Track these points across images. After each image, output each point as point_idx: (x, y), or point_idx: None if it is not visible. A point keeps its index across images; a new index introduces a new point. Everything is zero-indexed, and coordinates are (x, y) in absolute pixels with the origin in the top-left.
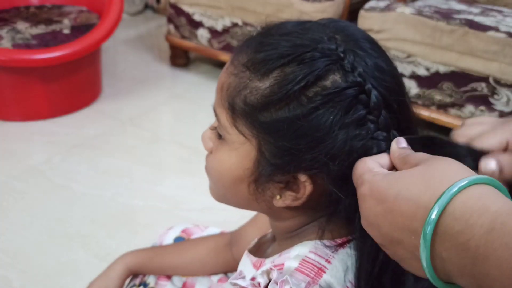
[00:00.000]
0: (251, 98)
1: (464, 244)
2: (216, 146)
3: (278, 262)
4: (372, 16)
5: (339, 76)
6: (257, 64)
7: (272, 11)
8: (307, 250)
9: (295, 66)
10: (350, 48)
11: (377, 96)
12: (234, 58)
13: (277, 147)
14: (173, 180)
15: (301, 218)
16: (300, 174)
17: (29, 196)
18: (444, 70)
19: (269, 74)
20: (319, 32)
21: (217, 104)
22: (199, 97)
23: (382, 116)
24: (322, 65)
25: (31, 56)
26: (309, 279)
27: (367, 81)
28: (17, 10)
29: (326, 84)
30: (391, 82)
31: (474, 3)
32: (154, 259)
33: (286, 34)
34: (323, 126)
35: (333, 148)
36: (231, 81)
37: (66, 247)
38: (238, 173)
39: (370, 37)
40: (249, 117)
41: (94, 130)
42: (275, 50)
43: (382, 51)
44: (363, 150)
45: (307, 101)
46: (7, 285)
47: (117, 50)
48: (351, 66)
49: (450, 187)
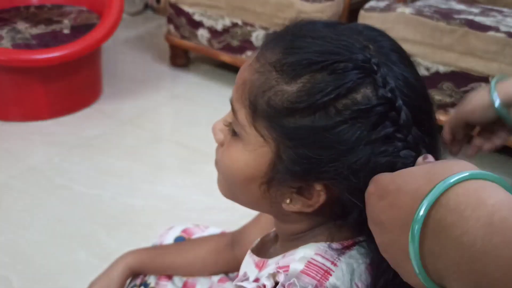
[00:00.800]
0: (276, 100)
1: (458, 238)
2: (229, 142)
3: (282, 264)
4: (372, 16)
5: (370, 90)
6: (285, 67)
7: (272, 11)
8: (312, 252)
9: (326, 75)
10: (383, 61)
11: (407, 114)
12: (260, 55)
13: (297, 154)
14: (173, 180)
15: (308, 222)
16: (316, 182)
17: (29, 196)
18: (444, 70)
19: (298, 79)
20: (352, 39)
21: (236, 99)
22: (199, 97)
23: (412, 135)
24: (354, 78)
25: (31, 56)
26: (315, 282)
27: (398, 98)
28: (17, 10)
29: (356, 97)
30: (420, 99)
31: (474, 3)
32: (155, 259)
33: (319, 37)
34: (349, 140)
35: (356, 163)
36: (255, 78)
37: (66, 247)
38: (251, 173)
39: (400, 48)
40: (270, 120)
41: (94, 130)
42: (307, 54)
43: (411, 64)
44: (388, 166)
45: (335, 113)
46: (7, 285)
47: (117, 50)
48: (383, 81)
49: (447, 178)
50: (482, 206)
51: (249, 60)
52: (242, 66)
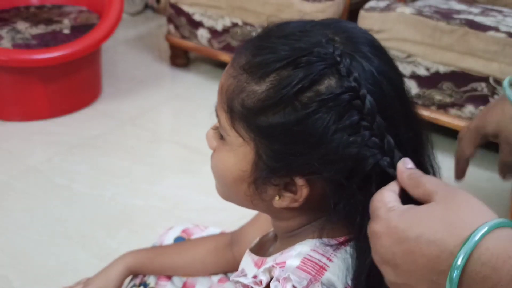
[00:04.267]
0: (248, 101)
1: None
2: (218, 146)
3: (279, 260)
4: (372, 16)
5: (334, 80)
6: (254, 68)
7: (272, 11)
8: (308, 248)
9: (290, 70)
10: (348, 52)
11: (371, 102)
12: (234, 60)
13: (273, 150)
14: (173, 180)
15: (301, 218)
16: (297, 177)
17: (29, 196)
18: (444, 70)
19: (266, 77)
20: (319, 34)
21: (218, 105)
22: (199, 97)
23: (376, 122)
24: (317, 69)
25: (31, 56)
26: (310, 277)
27: (362, 86)
28: (17, 10)
29: (320, 89)
30: (389, 88)
31: (474, 3)
32: (154, 260)
33: (284, 36)
34: (317, 131)
35: (328, 154)
36: (230, 83)
37: (66, 247)
38: (238, 174)
39: (372, 40)
40: (246, 120)
41: (94, 130)
42: (272, 53)
43: (383, 55)
44: (359, 158)
45: (301, 106)
46: (7, 285)
47: (117, 50)
48: (347, 71)
49: (473, 233)
50: (510, 259)
51: (227, 66)
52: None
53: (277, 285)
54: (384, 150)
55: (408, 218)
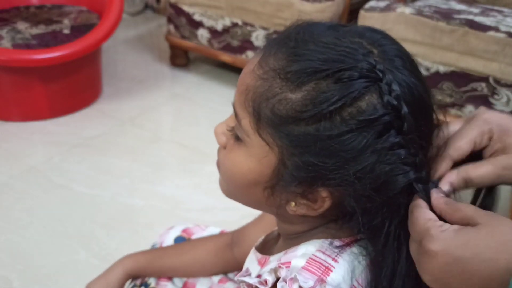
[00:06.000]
0: (280, 108)
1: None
2: (232, 146)
3: (284, 260)
4: (372, 16)
5: (375, 97)
6: (290, 74)
7: (272, 11)
8: (314, 249)
9: (331, 83)
10: (388, 67)
11: (411, 122)
12: (263, 60)
13: (302, 161)
14: (173, 180)
15: (311, 223)
16: (320, 188)
17: (29, 196)
18: (444, 70)
19: (302, 86)
20: (356, 44)
21: (238, 105)
22: (199, 97)
23: (414, 141)
24: (360, 87)
25: (31, 56)
26: (316, 277)
27: (403, 105)
28: (17, 10)
29: (362, 106)
30: (422, 105)
31: (474, 3)
32: (153, 263)
33: (322, 43)
34: (354, 148)
35: (361, 171)
36: (258, 85)
37: (66, 247)
38: (254, 178)
39: (404, 52)
40: (275, 127)
41: (94, 130)
42: (310, 61)
43: (414, 68)
44: (391, 175)
45: (340, 122)
46: (7, 285)
47: (117, 50)
48: (389, 88)
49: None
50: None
51: (251, 65)
52: (244, 70)
53: (283, 285)
54: (417, 168)
55: (462, 238)
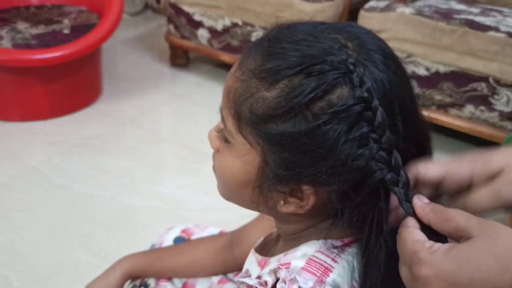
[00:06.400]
0: (257, 107)
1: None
2: (222, 148)
3: (284, 261)
4: (372, 16)
5: (346, 90)
6: (264, 73)
7: (272, 11)
8: (313, 249)
9: (302, 78)
10: (361, 60)
11: (383, 114)
12: (242, 62)
13: (281, 159)
14: (173, 180)
15: (306, 222)
16: (304, 185)
17: (29, 196)
18: (444, 70)
19: (276, 84)
20: (331, 39)
21: (223, 107)
22: (199, 97)
23: (386, 136)
24: (330, 79)
25: (31, 56)
26: (316, 278)
27: (374, 98)
28: (17, 10)
29: (332, 98)
30: (400, 99)
31: (474, 3)
32: (152, 264)
33: (296, 41)
34: (327, 143)
35: (336, 166)
36: (237, 86)
37: (66, 247)
38: (242, 178)
39: (384, 47)
40: (254, 127)
41: (94, 130)
42: (283, 59)
43: (395, 63)
44: (366, 171)
45: (312, 117)
46: (7, 285)
47: (117, 50)
48: (360, 80)
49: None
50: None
51: (233, 68)
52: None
53: (283, 286)
54: (391, 165)
55: (455, 259)
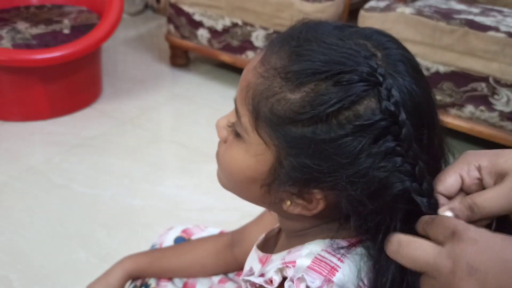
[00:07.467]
0: (279, 108)
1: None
2: (232, 142)
3: (288, 260)
4: (372, 16)
5: (374, 102)
6: (290, 74)
7: (272, 11)
8: (319, 248)
9: (330, 86)
10: (389, 72)
11: (409, 129)
12: (265, 58)
13: (298, 162)
14: (173, 180)
15: (312, 221)
16: (315, 190)
17: (29, 196)
18: (444, 70)
19: (302, 87)
20: (359, 46)
21: (239, 101)
22: (199, 97)
23: (412, 150)
24: (358, 90)
25: (31, 56)
26: (323, 277)
27: (401, 111)
28: (17, 10)
29: (359, 110)
30: (425, 113)
31: (474, 3)
32: (153, 264)
33: (324, 44)
34: (350, 153)
35: (355, 175)
36: (259, 83)
37: (66, 247)
38: (251, 175)
39: (409, 57)
40: (272, 127)
41: (94, 130)
42: (311, 62)
43: (419, 75)
44: (386, 183)
45: (337, 126)
46: (7, 285)
47: (117, 50)
48: (388, 93)
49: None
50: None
51: (254, 61)
52: (247, 66)
53: (291, 285)
54: (416, 177)
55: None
